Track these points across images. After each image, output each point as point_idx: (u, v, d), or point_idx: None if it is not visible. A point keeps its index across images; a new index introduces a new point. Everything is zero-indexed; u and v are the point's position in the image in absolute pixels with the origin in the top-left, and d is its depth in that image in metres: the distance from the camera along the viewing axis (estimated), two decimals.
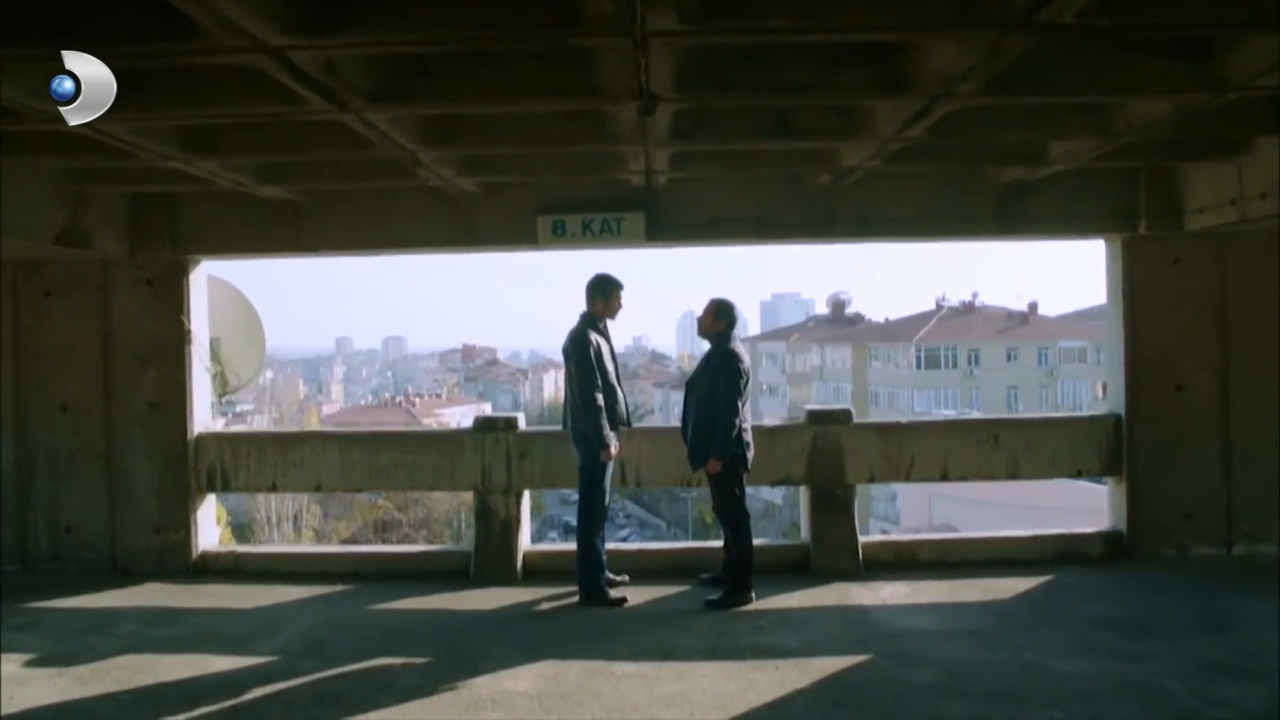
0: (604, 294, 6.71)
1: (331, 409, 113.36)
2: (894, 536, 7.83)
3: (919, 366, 59.77)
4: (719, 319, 6.61)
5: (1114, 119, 5.21)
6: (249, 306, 8.68)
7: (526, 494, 7.68)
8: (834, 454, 7.42)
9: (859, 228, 7.32)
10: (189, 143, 5.35)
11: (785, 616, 6.32)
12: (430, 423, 42.40)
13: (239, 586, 7.27)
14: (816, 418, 7.50)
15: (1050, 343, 61.52)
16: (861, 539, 7.41)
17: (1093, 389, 61.41)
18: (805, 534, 7.62)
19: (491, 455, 7.49)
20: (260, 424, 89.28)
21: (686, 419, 6.75)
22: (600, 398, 6.53)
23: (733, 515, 6.68)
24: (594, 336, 6.62)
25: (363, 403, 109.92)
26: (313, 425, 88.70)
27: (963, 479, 7.66)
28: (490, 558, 7.38)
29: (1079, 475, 7.74)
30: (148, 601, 6.92)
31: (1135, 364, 7.42)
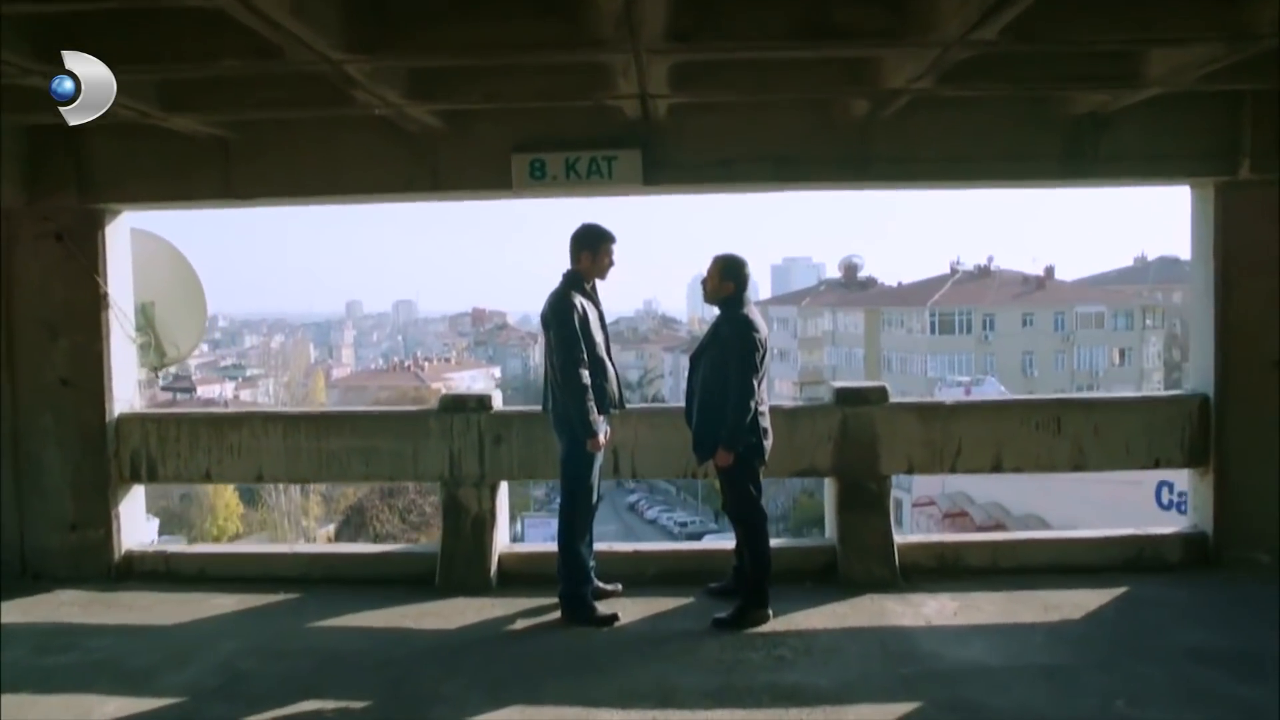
0: (590, 247, 5.52)
1: (342, 372, 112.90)
2: (935, 537, 6.62)
3: (933, 331, 59.02)
4: (727, 278, 5.42)
5: (1257, 13, 3.95)
6: (187, 266, 7.49)
7: (504, 486, 6.54)
8: (866, 440, 6.24)
9: (899, 170, 6.06)
10: (42, 46, 4.12)
11: (810, 642, 5.17)
12: (440, 388, 41.50)
13: (164, 595, 6.17)
14: (846, 397, 6.30)
15: (1067, 308, 60.79)
16: (897, 539, 6.27)
17: (1109, 355, 60.66)
18: (830, 533, 6.46)
19: (461, 440, 6.34)
20: (270, 389, 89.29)
21: (691, 400, 5.58)
22: (586, 375, 5.36)
23: (747, 516, 5.53)
24: (579, 300, 5.44)
25: (373, 366, 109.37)
26: (318, 390, 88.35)
27: (1018, 470, 6.49)
28: (459, 561, 6.26)
29: (1157, 466, 6.52)
30: (49, 616, 5.82)
31: (1226, 335, 6.19)
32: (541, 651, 5.18)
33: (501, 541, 6.47)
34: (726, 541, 6.18)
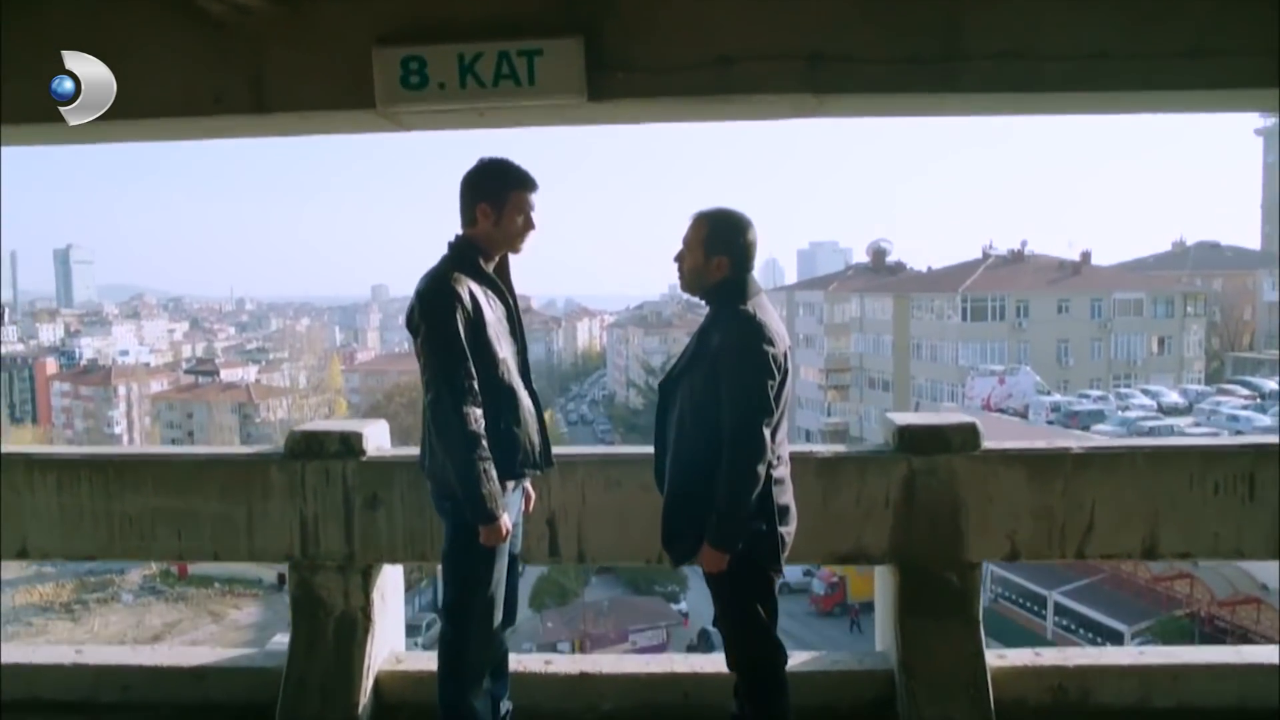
0: (492, 195, 3.26)
1: (366, 356, 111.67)
2: (1050, 659, 4.14)
3: (964, 318, 57.09)
4: (716, 250, 3.18)
5: None
6: None
7: (387, 573, 4.31)
8: (945, 508, 3.96)
9: (1002, 76, 3.70)
10: None
11: None
12: None
13: None
14: (913, 440, 3.99)
15: (1104, 294, 58.94)
16: (992, 660, 4.01)
17: (1148, 344, 58.73)
18: (886, 648, 4.19)
19: (317, 501, 4.13)
20: (289, 372, 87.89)
21: (662, 449, 3.34)
22: (475, 417, 3.12)
23: (753, 656, 3.28)
24: (467, 287, 3.19)
25: (398, 350, 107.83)
26: (335, 375, 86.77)
27: (1185, 556, 4.18)
28: (312, 686, 4.05)
29: None
30: None
31: None
32: None
33: (382, 654, 4.25)
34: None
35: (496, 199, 3.25)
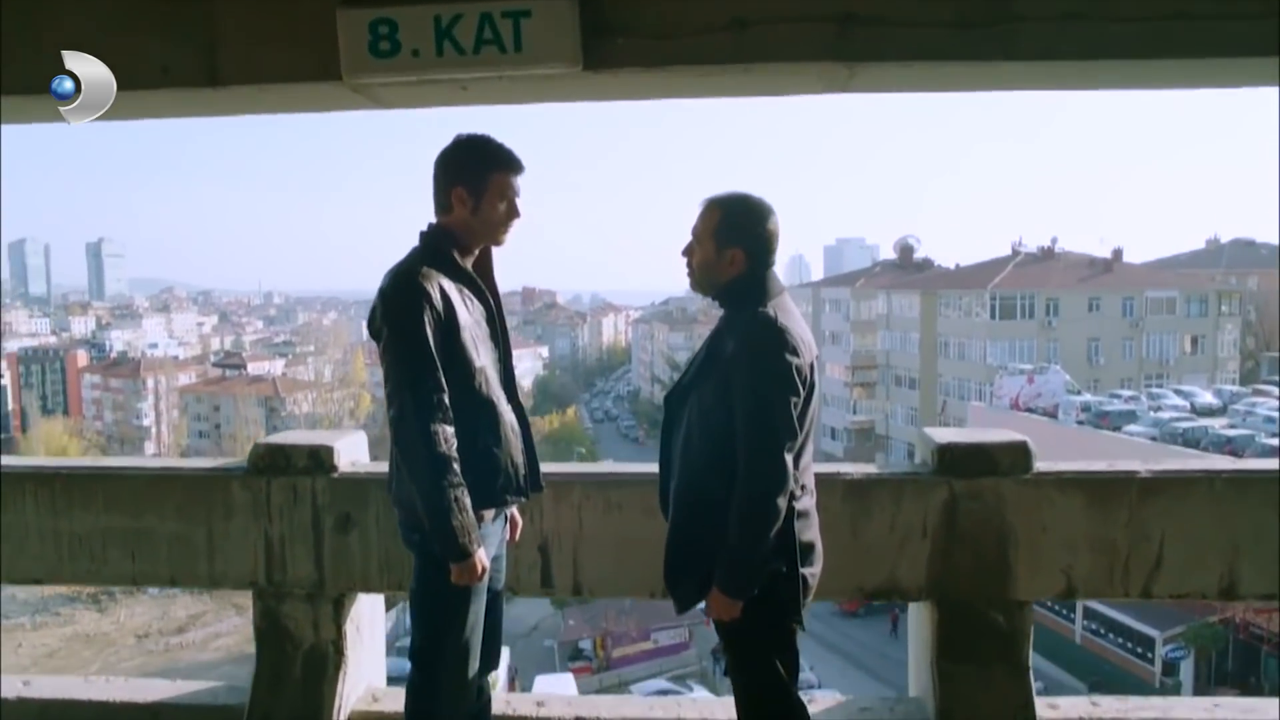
0: (469, 179, 2.79)
1: None
2: (1110, 710, 3.62)
3: (993, 316, 56.28)
4: (730, 241, 2.72)
5: None
6: None
7: (363, 602, 3.86)
8: (991, 538, 3.47)
9: (1064, 41, 3.15)
10: None
11: None
12: None
13: None
14: (955, 460, 3.50)
15: (1136, 292, 58.00)
16: (1043, 711, 3.52)
17: (1181, 343, 57.89)
18: (921, 694, 3.71)
19: (284, 521, 3.70)
20: (314, 366, 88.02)
21: (667, 472, 2.87)
22: (445, 436, 2.66)
23: (768, 714, 2.80)
24: (438, 285, 2.73)
25: None
26: (359, 369, 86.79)
27: (1271, 598, 3.66)
28: None
29: None
30: None
31: None
32: None
33: (357, 692, 3.81)
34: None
35: (474, 182, 2.78)
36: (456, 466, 2.66)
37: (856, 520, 3.50)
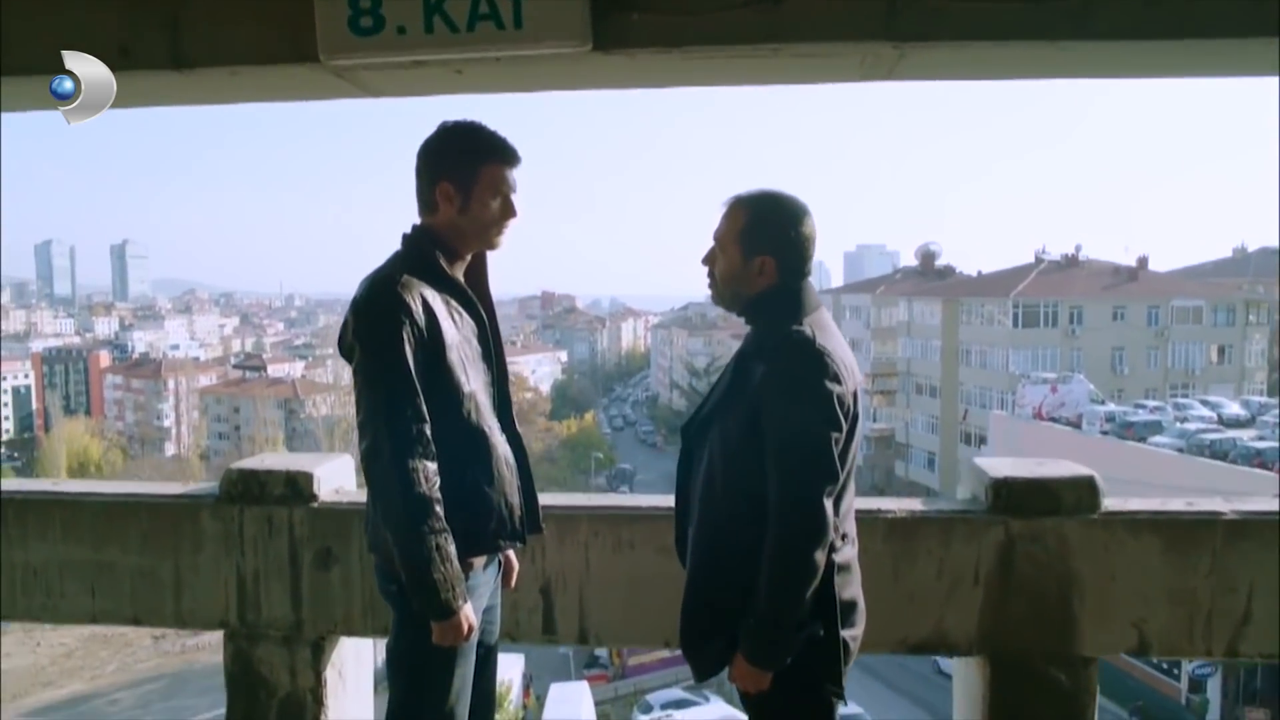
0: (455, 171, 2.41)
1: None
2: None
3: (1016, 324, 55.60)
4: (758, 247, 2.33)
5: None
6: None
7: (345, 645, 3.48)
8: (1054, 585, 3.05)
9: (1149, 19, 2.74)
10: None
11: None
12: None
13: None
14: (1014, 497, 3.07)
15: (1161, 301, 57.24)
16: None
17: (1207, 353, 57.17)
18: None
19: (259, 555, 3.33)
20: (333, 369, 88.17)
21: (684, 514, 2.47)
22: (423, 472, 2.27)
23: None
24: (419, 297, 2.34)
25: None
26: None
27: None
28: None
29: None
30: None
31: None
32: None
33: None
34: None
35: (463, 176, 2.40)
36: (439, 509, 2.27)
37: (899, 564, 3.09)
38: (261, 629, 3.35)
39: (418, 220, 2.48)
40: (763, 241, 2.29)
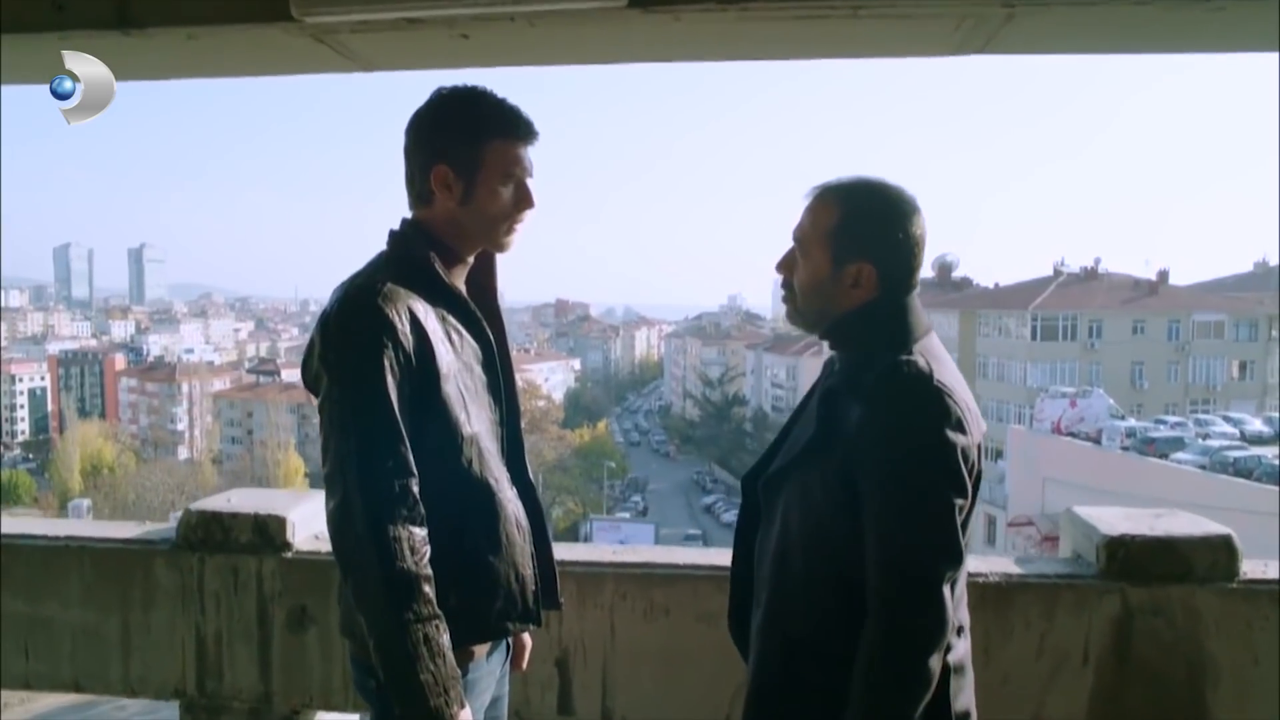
0: (454, 150, 1.86)
1: None
2: None
3: (1034, 337, 55.21)
4: (852, 253, 1.75)
5: None
6: None
7: None
8: (1181, 666, 2.50)
9: None
10: None
11: None
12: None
13: None
14: (1132, 559, 2.53)
15: (1182, 315, 56.69)
16: None
17: (1228, 368, 56.59)
18: None
19: (221, 614, 2.80)
20: None
21: (744, 585, 1.92)
22: (407, 541, 1.73)
23: None
24: (406, 311, 1.79)
25: None
26: None
27: None
28: None
29: None
30: None
31: None
32: None
33: None
34: None
35: (464, 157, 1.86)
36: (429, 589, 1.73)
37: (990, 638, 2.54)
38: (224, 700, 2.82)
39: (407, 215, 1.95)
40: (860, 244, 1.74)
